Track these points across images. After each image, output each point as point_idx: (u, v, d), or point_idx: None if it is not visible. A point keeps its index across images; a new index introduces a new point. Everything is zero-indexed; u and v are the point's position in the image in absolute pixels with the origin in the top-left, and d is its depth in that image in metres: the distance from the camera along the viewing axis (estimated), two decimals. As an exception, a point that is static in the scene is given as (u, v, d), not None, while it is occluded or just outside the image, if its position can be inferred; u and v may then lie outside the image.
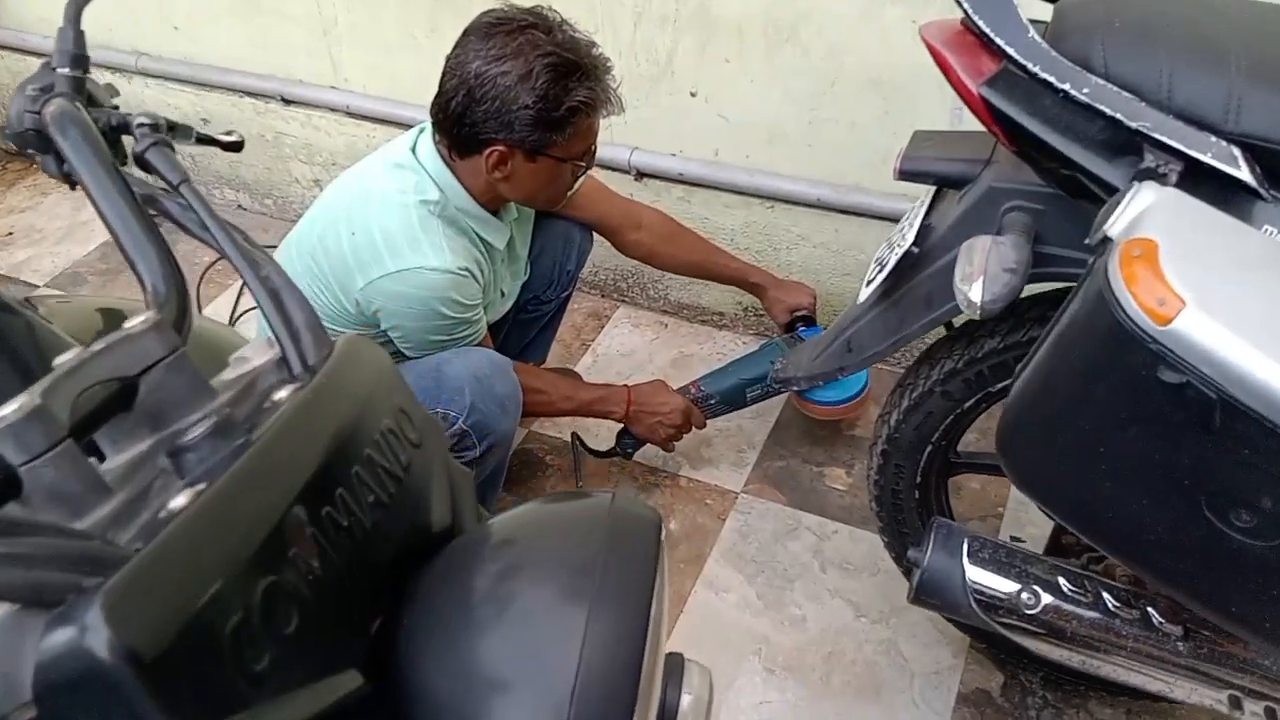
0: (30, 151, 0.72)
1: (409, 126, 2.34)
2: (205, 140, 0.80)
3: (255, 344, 0.59)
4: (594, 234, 1.86)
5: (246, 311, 2.28)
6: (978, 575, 1.20)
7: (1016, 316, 1.27)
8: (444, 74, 1.40)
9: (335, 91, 2.38)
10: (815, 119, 1.92)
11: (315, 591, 0.50)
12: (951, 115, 1.81)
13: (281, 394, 0.54)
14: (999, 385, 1.29)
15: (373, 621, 0.57)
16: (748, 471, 1.98)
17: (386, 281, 1.43)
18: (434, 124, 1.46)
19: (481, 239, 1.53)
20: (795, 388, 1.44)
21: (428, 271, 1.42)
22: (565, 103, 1.36)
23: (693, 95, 2.00)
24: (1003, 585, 1.20)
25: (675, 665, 0.80)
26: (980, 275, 1.03)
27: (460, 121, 1.38)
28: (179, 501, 0.46)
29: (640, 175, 2.13)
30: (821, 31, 1.81)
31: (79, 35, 0.73)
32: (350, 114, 2.38)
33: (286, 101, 2.45)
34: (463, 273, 1.45)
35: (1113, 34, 0.99)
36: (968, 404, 1.33)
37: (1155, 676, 1.17)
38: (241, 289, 2.40)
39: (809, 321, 1.91)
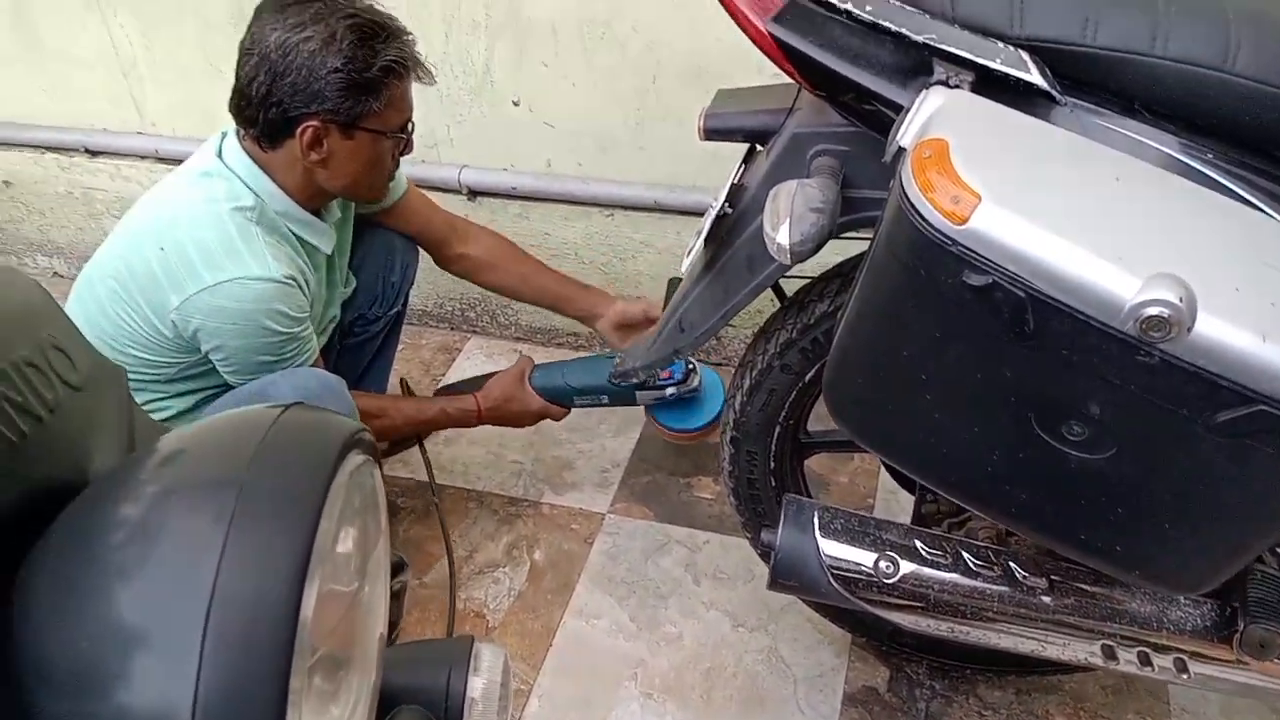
0: None
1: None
2: None
3: None
4: (419, 250, 1.75)
5: None
6: (832, 548, 1.12)
7: (843, 276, 1.21)
8: (240, 60, 1.31)
9: (142, 137, 2.22)
10: (642, 119, 1.86)
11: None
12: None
13: None
14: (837, 352, 1.23)
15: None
16: (613, 491, 1.87)
17: (205, 296, 1.30)
18: (236, 117, 1.35)
19: (305, 244, 1.43)
20: (635, 379, 1.35)
21: (250, 282, 1.30)
22: (375, 63, 1.29)
23: (515, 104, 1.92)
24: (858, 556, 1.11)
25: (462, 647, 0.77)
26: (786, 217, 0.96)
27: (265, 103, 1.29)
28: None
29: (473, 194, 2.03)
30: (635, 26, 1.75)
31: None
32: (160, 159, 2.22)
33: (91, 153, 2.28)
34: (288, 281, 1.34)
35: (885, -52, 0.94)
36: (808, 376, 1.26)
37: (1026, 635, 1.10)
38: None
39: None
